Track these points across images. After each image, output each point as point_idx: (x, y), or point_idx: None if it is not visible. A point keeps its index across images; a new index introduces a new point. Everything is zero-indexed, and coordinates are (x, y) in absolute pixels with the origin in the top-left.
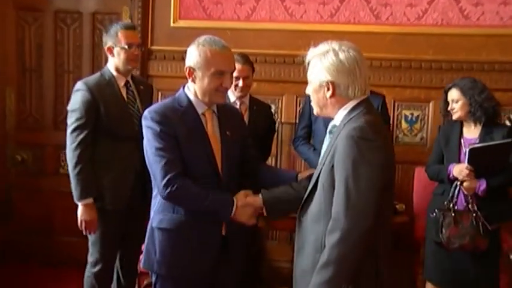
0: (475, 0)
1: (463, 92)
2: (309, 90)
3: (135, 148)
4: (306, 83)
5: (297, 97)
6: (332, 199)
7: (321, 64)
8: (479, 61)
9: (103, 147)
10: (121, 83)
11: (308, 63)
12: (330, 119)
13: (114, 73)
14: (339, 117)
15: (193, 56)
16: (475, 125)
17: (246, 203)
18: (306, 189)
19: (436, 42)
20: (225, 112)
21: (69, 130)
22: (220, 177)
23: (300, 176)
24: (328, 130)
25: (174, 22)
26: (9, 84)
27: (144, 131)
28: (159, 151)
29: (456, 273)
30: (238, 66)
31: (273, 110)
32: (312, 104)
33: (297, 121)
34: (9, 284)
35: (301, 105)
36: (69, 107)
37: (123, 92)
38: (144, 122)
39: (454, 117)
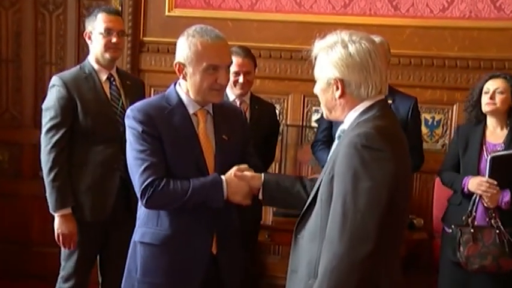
0: None
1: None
2: (317, 89)
3: (118, 151)
4: (315, 81)
5: (304, 97)
6: (329, 215)
7: (327, 59)
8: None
9: (81, 150)
10: (103, 77)
11: (315, 59)
12: None
13: (95, 66)
14: (348, 120)
15: (182, 49)
16: (502, 128)
17: (242, 176)
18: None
19: (462, 37)
20: (223, 113)
21: (43, 131)
22: None
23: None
24: (336, 136)
25: (169, 11)
26: None
27: (127, 131)
28: (140, 154)
29: None
30: (238, 60)
31: (277, 111)
32: (321, 106)
33: (304, 124)
34: None
35: (308, 106)
36: (44, 105)
37: (106, 87)
38: (126, 121)
39: (489, 108)
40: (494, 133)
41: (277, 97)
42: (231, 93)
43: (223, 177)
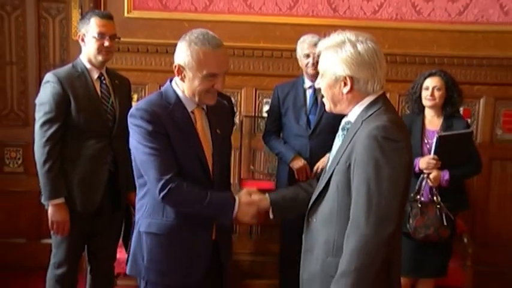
0: None
1: (446, 82)
2: (322, 85)
3: (107, 146)
4: (265, 75)
5: (256, 90)
6: (346, 200)
7: (337, 57)
8: (431, 55)
9: (73, 144)
10: (94, 75)
11: (318, 55)
12: (303, 113)
13: (87, 65)
14: (354, 113)
15: (184, 54)
16: (438, 116)
17: (251, 202)
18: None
19: (391, 36)
20: (213, 108)
21: (37, 125)
22: (210, 177)
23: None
24: (341, 127)
25: (128, 12)
26: None
27: (132, 129)
28: (153, 150)
29: (414, 262)
30: None
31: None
32: (325, 99)
33: (256, 114)
34: None
35: (260, 98)
36: (38, 100)
37: (97, 85)
38: (131, 120)
39: (430, 103)
40: (432, 121)
41: (232, 90)
42: None
43: (236, 198)
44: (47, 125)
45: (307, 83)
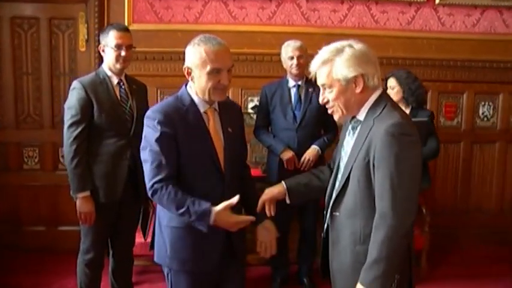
0: (382, 8)
1: (399, 80)
2: (330, 96)
3: (127, 144)
4: (249, 77)
5: (242, 90)
6: (368, 193)
7: (342, 61)
8: (387, 57)
9: (96, 143)
10: (114, 81)
11: (316, 71)
12: (289, 109)
13: (108, 72)
14: (362, 112)
15: (190, 56)
16: (405, 108)
17: (229, 216)
18: (329, 175)
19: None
20: (225, 108)
21: (65, 126)
22: (222, 175)
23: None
24: (350, 126)
25: (128, 25)
26: None
27: (145, 129)
28: (155, 153)
29: None
30: None
31: None
32: (337, 108)
33: (243, 110)
34: None
35: (245, 97)
36: (66, 105)
37: (116, 90)
38: (146, 121)
39: (395, 100)
40: None
41: None
42: None
43: (213, 210)
44: (74, 127)
45: (291, 83)
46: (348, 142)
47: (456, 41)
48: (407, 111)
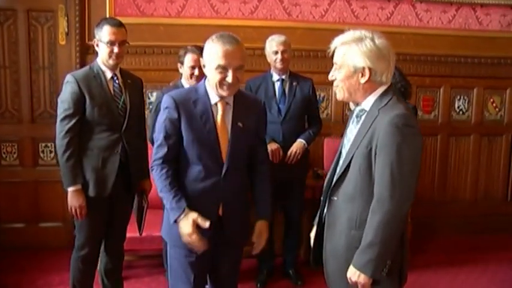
0: (362, 4)
1: None
2: (338, 76)
3: (119, 138)
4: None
5: None
6: (368, 180)
7: (358, 50)
8: None
9: (88, 136)
10: (108, 76)
11: (335, 49)
12: (274, 103)
13: (102, 67)
14: (368, 102)
15: (205, 50)
16: None
17: (194, 220)
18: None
19: (336, 36)
20: (244, 103)
21: (58, 119)
22: (220, 162)
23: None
24: (355, 114)
25: None
26: None
27: (160, 111)
28: (159, 134)
29: None
30: (194, 56)
31: None
32: (340, 89)
33: None
34: None
35: None
36: (59, 98)
37: (110, 85)
38: (160, 105)
39: None
40: None
41: None
42: (186, 84)
43: (184, 214)
44: (66, 120)
45: (275, 77)
46: (351, 130)
47: (433, 36)
48: None
